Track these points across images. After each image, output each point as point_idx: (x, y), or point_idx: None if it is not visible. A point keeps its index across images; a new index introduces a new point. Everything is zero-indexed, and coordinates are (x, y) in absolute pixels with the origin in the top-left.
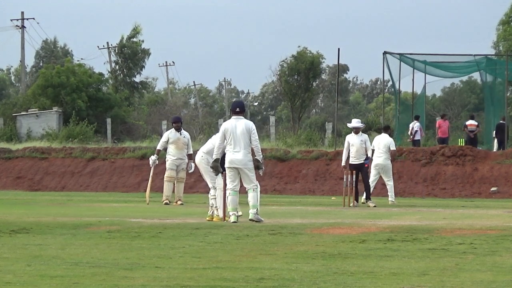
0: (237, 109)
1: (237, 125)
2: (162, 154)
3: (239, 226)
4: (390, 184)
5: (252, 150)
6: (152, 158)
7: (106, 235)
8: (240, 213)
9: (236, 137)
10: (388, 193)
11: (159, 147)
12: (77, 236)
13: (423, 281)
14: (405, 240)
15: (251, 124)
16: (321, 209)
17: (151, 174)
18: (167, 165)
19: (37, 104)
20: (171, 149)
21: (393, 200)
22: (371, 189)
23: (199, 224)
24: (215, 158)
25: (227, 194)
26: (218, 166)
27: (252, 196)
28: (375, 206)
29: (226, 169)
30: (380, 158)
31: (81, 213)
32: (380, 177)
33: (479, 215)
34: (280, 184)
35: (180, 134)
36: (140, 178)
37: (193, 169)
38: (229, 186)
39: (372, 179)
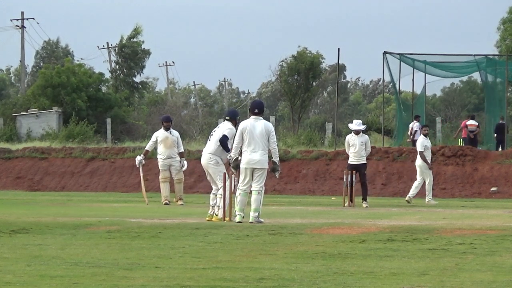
0: (256, 110)
1: (256, 125)
2: (154, 155)
3: (239, 226)
4: (430, 183)
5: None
6: (138, 158)
7: (106, 235)
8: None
9: (254, 137)
10: (426, 192)
11: (147, 147)
12: (77, 236)
13: (423, 281)
14: (405, 240)
15: (270, 126)
16: (321, 209)
17: (141, 174)
18: (159, 166)
19: (37, 104)
20: (160, 148)
21: (431, 198)
22: (416, 191)
23: (199, 224)
24: (234, 157)
25: (237, 194)
26: (239, 163)
27: (256, 199)
28: (367, 207)
29: (241, 169)
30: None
31: (81, 213)
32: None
33: (479, 215)
34: (280, 184)
35: (170, 133)
36: (140, 178)
37: (185, 167)
38: (241, 186)
39: (420, 178)
